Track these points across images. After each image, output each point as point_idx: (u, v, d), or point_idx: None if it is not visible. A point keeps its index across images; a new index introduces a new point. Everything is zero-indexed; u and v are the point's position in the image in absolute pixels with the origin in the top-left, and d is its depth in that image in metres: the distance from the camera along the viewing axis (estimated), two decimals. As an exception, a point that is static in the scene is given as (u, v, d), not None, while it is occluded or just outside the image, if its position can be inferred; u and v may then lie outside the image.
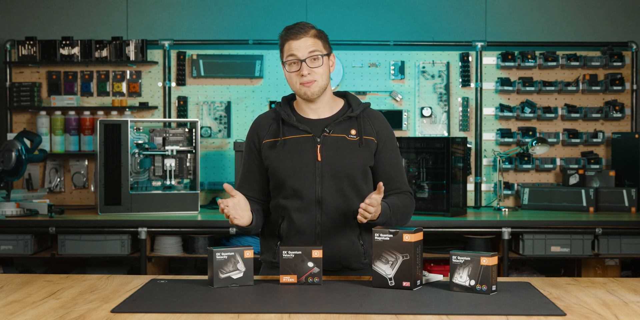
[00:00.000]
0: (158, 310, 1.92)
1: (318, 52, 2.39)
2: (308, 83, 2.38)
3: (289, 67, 2.40)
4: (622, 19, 4.97)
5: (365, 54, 4.84)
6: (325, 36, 2.44)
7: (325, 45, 2.43)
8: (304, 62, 2.37)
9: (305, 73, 2.37)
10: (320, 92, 2.42)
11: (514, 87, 4.78)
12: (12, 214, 4.19)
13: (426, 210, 4.27)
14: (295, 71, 2.39)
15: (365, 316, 1.86)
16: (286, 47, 2.41)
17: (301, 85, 2.39)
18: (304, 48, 2.38)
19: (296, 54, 2.38)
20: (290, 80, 2.42)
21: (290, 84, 2.43)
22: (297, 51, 2.38)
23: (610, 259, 4.37)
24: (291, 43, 2.39)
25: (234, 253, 2.20)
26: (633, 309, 1.97)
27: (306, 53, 2.38)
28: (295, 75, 2.39)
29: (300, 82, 2.39)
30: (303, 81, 2.38)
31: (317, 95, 2.41)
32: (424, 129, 4.82)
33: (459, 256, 2.13)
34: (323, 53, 2.41)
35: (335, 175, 2.40)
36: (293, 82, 2.42)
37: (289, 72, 2.41)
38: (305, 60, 2.37)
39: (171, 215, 4.30)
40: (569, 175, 4.70)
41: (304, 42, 2.38)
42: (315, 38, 2.40)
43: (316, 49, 2.39)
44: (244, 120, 4.83)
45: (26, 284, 2.27)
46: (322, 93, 2.43)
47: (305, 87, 2.39)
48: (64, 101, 4.75)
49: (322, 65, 2.40)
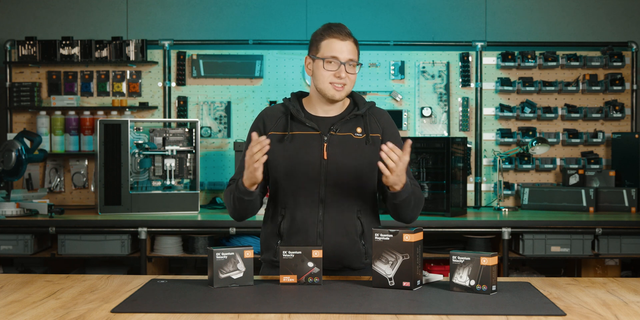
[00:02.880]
0: (158, 310, 1.92)
1: (356, 60, 2.42)
2: (340, 88, 2.40)
3: (327, 65, 2.39)
4: (622, 19, 4.98)
5: (365, 54, 4.83)
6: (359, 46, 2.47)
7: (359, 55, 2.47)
8: (343, 65, 2.39)
9: (342, 75, 2.38)
10: (345, 96, 2.44)
11: (514, 87, 4.78)
12: (12, 214, 4.19)
13: (426, 210, 4.27)
14: (331, 71, 2.39)
15: (365, 316, 1.86)
16: (327, 44, 2.40)
17: (331, 85, 2.40)
18: (347, 52, 2.39)
19: (339, 56, 2.38)
20: (320, 77, 2.41)
21: (319, 81, 2.41)
22: (340, 53, 2.39)
23: (610, 259, 4.37)
24: (336, 42, 2.39)
25: (234, 253, 2.20)
26: (633, 309, 1.97)
27: (347, 57, 2.39)
28: (331, 74, 2.39)
29: (331, 82, 2.39)
30: (336, 82, 2.39)
31: (342, 99, 2.44)
32: (424, 129, 4.82)
33: (459, 256, 2.13)
34: (358, 62, 2.44)
35: (340, 174, 2.40)
36: (323, 80, 2.40)
37: (326, 70, 2.39)
38: (345, 64, 2.39)
39: (171, 215, 4.30)
40: (569, 175, 4.70)
41: (348, 46, 2.40)
42: (355, 45, 2.44)
43: (355, 57, 2.42)
44: (244, 120, 4.83)
45: (26, 284, 2.27)
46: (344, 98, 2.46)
47: (335, 90, 2.40)
48: (64, 101, 4.75)
49: (356, 73, 2.43)
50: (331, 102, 2.45)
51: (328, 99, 2.43)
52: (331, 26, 2.43)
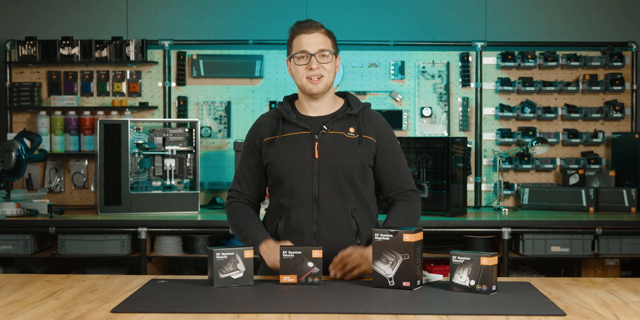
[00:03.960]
0: (158, 310, 1.92)
1: (327, 49, 2.40)
2: (316, 80, 2.39)
3: (297, 60, 2.40)
4: (622, 19, 4.97)
5: (365, 54, 4.83)
6: (334, 37, 2.46)
7: (334, 45, 2.45)
8: (313, 57, 2.38)
9: (314, 67, 2.37)
10: (325, 89, 2.42)
11: (514, 87, 4.78)
12: (12, 214, 4.19)
13: (426, 210, 4.26)
14: (303, 64, 2.39)
15: (365, 316, 1.86)
16: (296, 41, 2.41)
17: (308, 80, 2.39)
18: (315, 43, 2.39)
19: (307, 49, 2.38)
20: (296, 74, 2.42)
21: (296, 79, 2.42)
22: (307, 46, 2.38)
23: (610, 259, 4.37)
24: (302, 37, 2.40)
25: (234, 253, 2.19)
26: (633, 309, 1.97)
27: (316, 48, 2.39)
28: (303, 68, 2.39)
29: (307, 76, 2.39)
30: (310, 75, 2.38)
31: (322, 92, 2.42)
32: (424, 129, 4.82)
33: (459, 256, 2.13)
34: (332, 51, 2.42)
35: (333, 173, 2.40)
36: (299, 76, 2.41)
37: (297, 65, 2.40)
38: (315, 55, 2.38)
39: (171, 215, 4.30)
40: (569, 175, 4.70)
41: (316, 38, 2.40)
42: (326, 36, 2.43)
43: (326, 46, 2.40)
44: (244, 120, 4.83)
45: (26, 284, 2.27)
46: (326, 91, 2.43)
47: (312, 84, 2.39)
48: (64, 101, 4.74)
49: (330, 62, 2.41)
50: (313, 97, 2.43)
51: (308, 94, 2.42)
52: (298, 23, 2.44)
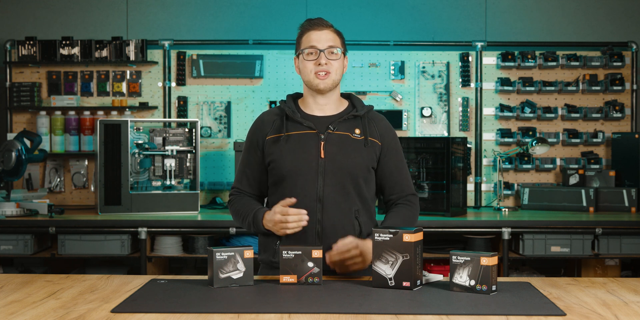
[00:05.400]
0: (158, 310, 1.92)
1: (337, 46, 2.42)
2: (323, 76, 2.40)
3: (306, 56, 2.41)
4: (622, 19, 4.98)
5: (365, 54, 4.83)
6: (343, 37, 2.48)
7: (343, 44, 2.47)
8: (322, 53, 2.39)
9: (322, 62, 2.39)
10: (332, 86, 2.43)
11: (514, 87, 4.78)
12: (12, 214, 4.19)
13: (426, 210, 4.27)
14: (312, 60, 2.40)
15: (365, 316, 1.86)
16: (306, 37, 2.43)
17: (315, 75, 2.40)
18: (324, 40, 2.41)
19: (316, 44, 2.40)
20: (304, 69, 2.43)
21: (304, 74, 2.43)
22: (317, 42, 2.40)
23: (610, 259, 4.37)
24: (312, 33, 2.42)
25: (234, 253, 2.19)
26: (633, 309, 1.97)
27: (326, 45, 2.41)
28: (312, 64, 2.40)
29: (315, 71, 2.40)
30: (318, 70, 2.39)
31: (329, 88, 2.42)
32: (424, 129, 4.82)
33: (459, 256, 2.12)
34: (341, 49, 2.43)
35: (338, 173, 2.40)
36: (307, 72, 2.42)
37: (306, 61, 2.41)
38: (324, 51, 2.40)
39: (171, 215, 4.30)
40: (569, 175, 4.70)
41: (326, 35, 2.42)
42: (335, 34, 2.45)
43: (335, 44, 2.42)
44: (244, 120, 4.83)
45: (26, 284, 2.27)
46: (333, 88, 2.44)
47: (319, 80, 2.40)
48: (64, 101, 4.75)
49: (339, 60, 2.42)
50: (320, 93, 2.44)
51: (315, 90, 2.43)
52: (309, 20, 2.46)
